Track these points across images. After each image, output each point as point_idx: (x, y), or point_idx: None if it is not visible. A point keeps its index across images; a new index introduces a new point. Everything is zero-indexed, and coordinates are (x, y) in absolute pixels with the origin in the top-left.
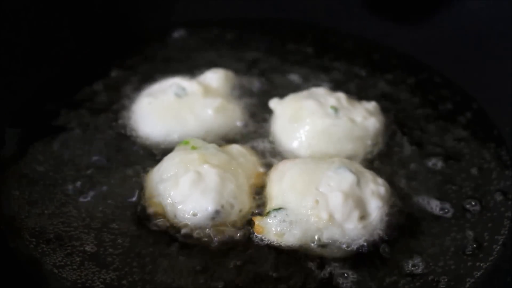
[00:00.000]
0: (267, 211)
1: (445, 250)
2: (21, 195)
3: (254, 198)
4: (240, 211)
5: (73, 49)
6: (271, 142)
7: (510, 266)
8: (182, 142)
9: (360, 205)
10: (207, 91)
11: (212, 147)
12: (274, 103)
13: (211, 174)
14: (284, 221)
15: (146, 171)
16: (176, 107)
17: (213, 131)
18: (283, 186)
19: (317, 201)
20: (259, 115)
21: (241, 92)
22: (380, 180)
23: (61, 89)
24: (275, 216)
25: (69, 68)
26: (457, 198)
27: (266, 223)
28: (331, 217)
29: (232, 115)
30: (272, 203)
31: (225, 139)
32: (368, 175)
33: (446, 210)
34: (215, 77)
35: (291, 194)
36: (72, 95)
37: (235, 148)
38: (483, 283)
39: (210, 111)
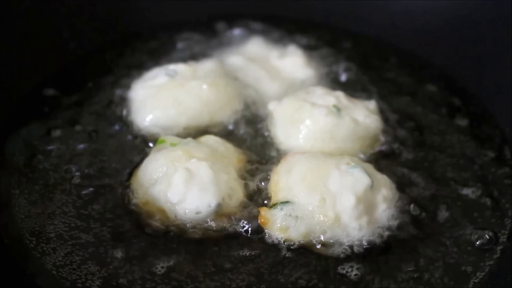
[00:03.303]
0: (273, 203)
1: (446, 250)
2: (21, 195)
3: (244, 185)
4: (237, 200)
5: (68, 45)
6: (271, 142)
7: (510, 266)
8: (157, 141)
9: (370, 210)
10: (198, 71)
11: (190, 141)
12: (273, 105)
13: (202, 168)
14: (289, 215)
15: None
16: (170, 86)
17: (211, 106)
18: (291, 179)
19: (323, 199)
20: (257, 109)
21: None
22: (389, 183)
23: (59, 88)
24: (281, 209)
25: (66, 66)
26: (457, 198)
27: (272, 215)
28: (337, 217)
29: (227, 91)
30: (278, 196)
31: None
32: (380, 178)
33: (447, 210)
34: (205, 64)
35: (299, 188)
36: (70, 93)
37: (210, 138)
38: (483, 283)
39: (204, 86)
